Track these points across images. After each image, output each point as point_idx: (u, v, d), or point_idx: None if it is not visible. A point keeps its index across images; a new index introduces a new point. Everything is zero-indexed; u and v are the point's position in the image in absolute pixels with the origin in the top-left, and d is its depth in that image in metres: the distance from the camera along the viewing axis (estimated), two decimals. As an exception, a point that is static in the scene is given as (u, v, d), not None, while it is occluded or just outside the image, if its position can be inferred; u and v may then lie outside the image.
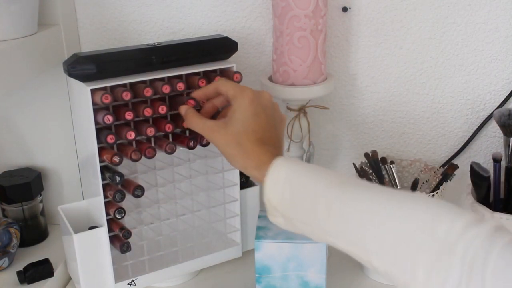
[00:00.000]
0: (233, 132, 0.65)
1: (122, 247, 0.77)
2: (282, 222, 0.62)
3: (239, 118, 0.65)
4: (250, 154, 0.63)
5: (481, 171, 0.84)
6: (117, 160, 0.71)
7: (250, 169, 0.64)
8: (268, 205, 0.62)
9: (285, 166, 0.61)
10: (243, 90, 0.67)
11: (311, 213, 0.58)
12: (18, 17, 0.75)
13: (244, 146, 0.64)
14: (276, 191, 0.60)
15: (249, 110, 0.65)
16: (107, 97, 0.69)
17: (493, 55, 0.91)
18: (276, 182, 0.60)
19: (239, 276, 0.88)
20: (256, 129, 0.64)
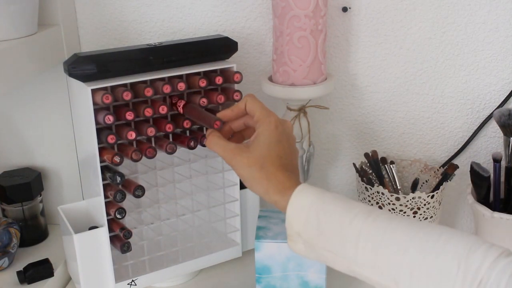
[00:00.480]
0: (257, 156, 0.64)
1: (122, 247, 0.77)
2: (303, 249, 0.61)
3: (264, 142, 0.65)
4: (273, 179, 0.63)
5: (481, 171, 0.84)
6: (118, 160, 0.71)
7: (272, 193, 0.63)
8: (289, 230, 0.61)
9: (311, 193, 0.60)
10: (269, 115, 0.67)
11: (337, 242, 0.57)
12: (18, 17, 0.75)
13: (267, 170, 0.63)
14: (300, 218, 0.60)
15: (274, 136, 0.65)
16: (108, 97, 0.69)
17: (493, 55, 0.91)
18: (301, 208, 0.60)
19: (239, 276, 0.89)
20: (280, 155, 0.64)
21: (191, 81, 0.76)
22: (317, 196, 0.60)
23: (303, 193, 0.60)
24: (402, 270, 0.53)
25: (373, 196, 0.85)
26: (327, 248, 0.58)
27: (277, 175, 0.63)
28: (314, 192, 0.60)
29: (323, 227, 0.58)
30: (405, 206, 0.84)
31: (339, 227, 0.57)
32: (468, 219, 1.02)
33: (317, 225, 0.59)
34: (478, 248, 0.50)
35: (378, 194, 0.84)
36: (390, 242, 0.54)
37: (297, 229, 0.60)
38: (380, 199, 0.85)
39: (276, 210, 0.83)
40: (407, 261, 0.53)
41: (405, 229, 0.54)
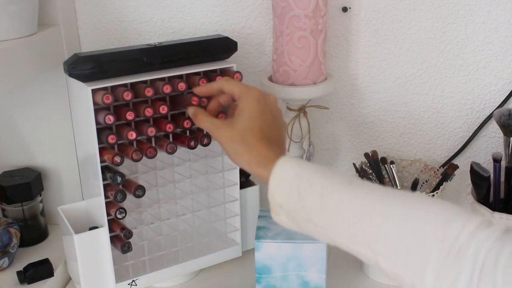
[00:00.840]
0: (238, 129, 0.65)
1: (123, 247, 0.77)
2: (285, 221, 0.62)
3: (246, 116, 0.65)
4: (255, 151, 0.63)
5: (481, 171, 0.84)
6: (118, 160, 0.71)
7: (254, 165, 0.63)
8: (272, 202, 0.62)
9: (292, 165, 0.60)
10: (250, 89, 0.67)
11: (318, 213, 0.58)
12: (18, 17, 0.75)
13: (249, 143, 0.64)
14: (282, 189, 0.60)
15: (256, 109, 0.66)
16: (108, 97, 0.69)
17: (493, 55, 0.91)
18: (282, 180, 0.60)
19: (239, 276, 0.89)
20: (262, 128, 0.65)
21: (191, 81, 0.76)
22: (299, 168, 0.60)
23: (285, 165, 0.61)
24: (380, 239, 0.53)
25: (373, 196, 0.85)
26: (309, 219, 0.59)
27: (258, 148, 0.63)
28: (296, 164, 0.61)
29: (304, 198, 0.58)
30: (405, 206, 0.83)
31: (320, 198, 0.57)
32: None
33: (298, 197, 0.59)
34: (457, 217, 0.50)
35: (378, 194, 0.84)
36: (368, 212, 0.54)
37: (279, 201, 0.60)
38: (380, 199, 0.84)
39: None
40: (384, 230, 0.52)
41: (383, 198, 0.54)
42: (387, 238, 0.52)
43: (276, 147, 0.65)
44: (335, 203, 0.56)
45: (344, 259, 0.92)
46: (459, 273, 0.47)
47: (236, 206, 0.87)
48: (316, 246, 0.75)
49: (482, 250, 0.46)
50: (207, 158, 0.85)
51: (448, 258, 0.48)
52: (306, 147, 0.90)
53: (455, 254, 0.48)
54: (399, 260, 0.52)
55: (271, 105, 0.68)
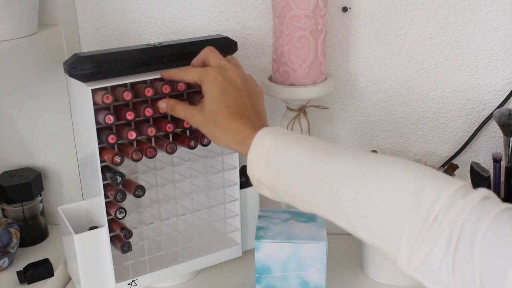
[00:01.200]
0: (208, 113, 0.66)
1: (123, 247, 0.77)
2: (269, 194, 0.62)
3: (210, 98, 0.66)
4: (229, 130, 0.64)
5: (481, 171, 0.84)
6: (118, 160, 0.71)
7: (232, 144, 0.64)
8: (252, 178, 0.62)
9: (268, 139, 0.60)
10: (206, 71, 0.67)
11: (296, 186, 0.57)
12: (18, 17, 0.75)
13: (221, 124, 0.64)
14: (259, 164, 0.60)
15: (216, 88, 0.66)
16: (108, 97, 0.69)
17: (493, 55, 0.91)
18: (259, 155, 0.60)
19: (239, 276, 0.89)
20: (228, 105, 0.65)
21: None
22: (275, 141, 0.60)
23: (262, 140, 0.61)
24: (355, 209, 0.52)
25: (373, 196, 0.85)
26: (288, 192, 0.59)
27: (231, 126, 0.64)
28: (272, 137, 0.60)
29: (281, 172, 0.59)
30: (405, 206, 0.84)
31: (297, 171, 0.57)
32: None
33: (275, 171, 0.59)
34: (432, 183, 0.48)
35: (378, 194, 0.84)
36: (343, 183, 0.53)
37: (258, 176, 0.61)
38: (380, 199, 0.84)
39: (276, 210, 0.83)
40: (359, 200, 0.52)
41: (358, 168, 0.54)
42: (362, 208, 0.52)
43: (250, 119, 0.65)
44: (310, 176, 0.56)
45: (344, 259, 0.92)
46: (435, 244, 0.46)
47: (236, 206, 0.87)
48: (316, 246, 0.75)
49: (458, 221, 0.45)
50: (207, 158, 0.85)
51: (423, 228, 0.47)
52: (306, 147, 0.90)
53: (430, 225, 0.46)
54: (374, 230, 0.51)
55: (231, 78, 0.67)
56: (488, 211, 0.45)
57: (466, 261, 0.44)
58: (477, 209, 0.45)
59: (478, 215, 0.45)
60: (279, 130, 0.62)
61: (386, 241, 0.50)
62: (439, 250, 0.45)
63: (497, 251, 0.43)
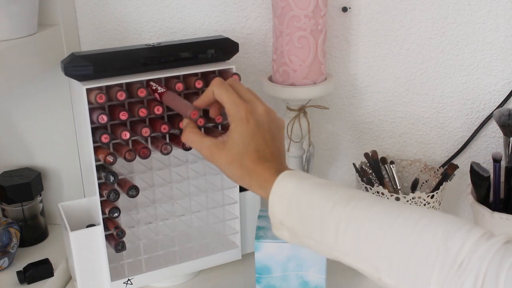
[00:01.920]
0: (234, 153, 0.64)
1: (116, 246, 0.77)
2: (287, 236, 0.62)
3: (239, 139, 0.64)
4: (254, 173, 0.63)
5: (481, 171, 0.84)
6: (111, 159, 0.71)
7: (254, 188, 0.64)
8: (273, 219, 0.62)
9: (291, 182, 0.61)
10: (239, 109, 0.65)
11: (319, 230, 0.58)
12: (18, 17, 0.75)
13: (246, 167, 0.64)
14: (281, 207, 0.60)
15: (247, 130, 0.64)
16: (102, 96, 0.69)
17: (493, 55, 0.91)
18: (282, 197, 0.60)
19: (239, 276, 0.88)
20: (258, 148, 0.64)
21: (188, 82, 0.76)
22: (297, 184, 0.60)
23: (283, 183, 0.61)
24: (382, 256, 0.53)
25: (373, 196, 0.85)
26: (309, 236, 0.59)
27: (257, 169, 0.63)
28: (294, 180, 0.60)
29: (304, 215, 0.59)
30: (405, 206, 0.83)
31: (320, 216, 0.57)
32: (468, 219, 1.02)
33: (298, 214, 0.59)
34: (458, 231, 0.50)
35: (378, 194, 0.84)
36: (370, 229, 0.54)
37: (279, 218, 0.61)
38: (380, 199, 0.84)
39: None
40: (386, 247, 0.52)
41: (385, 215, 0.54)
42: (389, 254, 0.52)
43: (275, 163, 0.64)
44: (334, 221, 0.56)
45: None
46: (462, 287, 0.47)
47: (236, 208, 0.86)
48: (316, 246, 0.75)
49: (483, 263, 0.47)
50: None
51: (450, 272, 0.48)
52: (306, 147, 0.90)
53: (457, 269, 0.48)
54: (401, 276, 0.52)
55: (260, 120, 0.66)
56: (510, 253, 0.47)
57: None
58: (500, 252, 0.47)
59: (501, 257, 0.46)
60: (301, 174, 0.62)
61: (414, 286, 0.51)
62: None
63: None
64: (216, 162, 0.66)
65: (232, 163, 0.64)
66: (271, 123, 0.67)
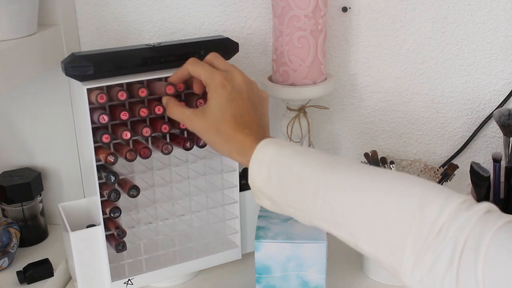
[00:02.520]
0: (211, 120, 0.64)
1: (117, 246, 0.77)
2: (269, 204, 0.62)
3: (215, 105, 0.64)
4: (232, 140, 0.63)
5: (481, 171, 0.84)
6: (111, 159, 0.71)
7: (234, 154, 0.63)
8: (253, 187, 0.61)
9: (271, 149, 0.60)
10: (214, 76, 0.66)
11: (298, 197, 0.57)
12: (18, 17, 0.75)
13: (224, 133, 0.63)
14: (261, 174, 0.60)
15: (223, 96, 0.64)
16: (102, 96, 0.69)
17: (493, 55, 0.91)
18: (261, 165, 0.60)
19: (239, 276, 0.88)
20: (234, 114, 0.64)
21: (188, 82, 0.76)
22: (277, 151, 0.59)
23: (263, 149, 0.60)
24: (358, 223, 0.52)
25: (373, 196, 0.85)
26: (288, 204, 0.58)
27: (235, 136, 0.63)
28: (274, 147, 0.60)
29: (283, 183, 0.58)
30: (405, 206, 0.83)
31: (299, 182, 0.57)
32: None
33: (277, 181, 0.58)
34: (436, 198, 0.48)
35: (378, 194, 0.84)
36: (346, 195, 0.53)
37: (259, 186, 0.60)
38: (380, 199, 0.84)
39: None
40: (362, 213, 0.52)
41: (362, 180, 0.53)
42: (365, 221, 0.51)
43: (255, 130, 0.64)
44: (313, 187, 0.55)
45: (344, 259, 0.92)
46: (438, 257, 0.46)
47: (236, 208, 0.86)
48: (316, 246, 0.75)
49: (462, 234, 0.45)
50: (206, 159, 0.84)
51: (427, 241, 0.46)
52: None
53: (434, 237, 0.46)
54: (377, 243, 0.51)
55: (239, 87, 0.66)
56: (491, 224, 0.45)
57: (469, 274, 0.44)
58: (480, 222, 0.45)
59: (481, 228, 0.45)
60: (281, 142, 0.62)
61: (389, 253, 0.50)
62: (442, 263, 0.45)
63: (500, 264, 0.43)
64: (196, 130, 0.66)
65: (209, 129, 0.64)
66: (251, 93, 0.67)
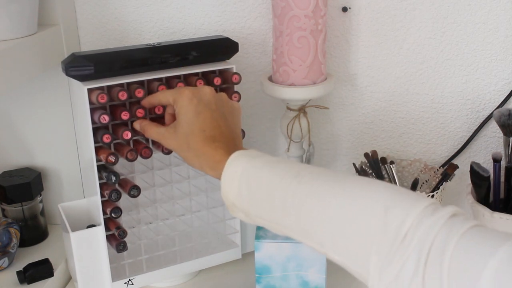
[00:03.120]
0: (181, 136, 0.64)
1: (118, 246, 0.77)
2: (243, 216, 0.61)
3: (183, 120, 0.64)
4: (202, 155, 0.63)
5: (481, 171, 0.84)
6: (112, 159, 0.71)
7: (206, 169, 0.63)
8: (226, 201, 0.61)
9: (242, 162, 0.60)
10: (181, 92, 0.66)
11: (267, 208, 0.57)
12: (18, 17, 0.75)
13: (194, 148, 0.63)
14: (232, 187, 0.60)
15: (190, 110, 0.64)
16: (103, 96, 0.69)
17: (493, 55, 0.91)
18: (232, 178, 0.59)
19: (239, 276, 0.88)
20: (203, 127, 0.64)
21: (189, 82, 0.76)
22: (247, 163, 0.59)
23: (234, 163, 0.60)
24: (324, 231, 0.51)
25: (373, 196, 0.85)
26: (260, 215, 0.58)
27: (204, 150, 0.63)
28: (244, 159, 0.60)
29: (253, 194, 0.58)
30: (405, 206, 0.83)
31: (267, 193, 0.56)
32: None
33: (248, 193, 0.58)
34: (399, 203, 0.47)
35: (378, 194, 0.84)
36: (312, 203, 0.53)
37: (231, 199, 0.60)
38: (380, 199, 0.84)
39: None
40: (327, 221, 0.51)
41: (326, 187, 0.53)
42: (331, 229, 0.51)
43: (225, 143, 0.63)
44: (281, 198, 0.55)
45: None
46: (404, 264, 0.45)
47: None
48: (316, 246, 0.75)
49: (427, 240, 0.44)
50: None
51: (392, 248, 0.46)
52: (306, 147, 0.90)
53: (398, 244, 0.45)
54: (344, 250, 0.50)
55: (206, 99, 0.66)
56: (456, 229, 0.44)
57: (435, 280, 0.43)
58: (445, 227, 0.45)
59: (447, 233, 0.44)
60: (253, 153, 0.61)
61: (356, 261, 0.49)
62: (408, 270, 0.45)
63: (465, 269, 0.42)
64: (170, 147, 0.66)
65: (180, 146, 0.64)
66: (220, 104, 0.67)
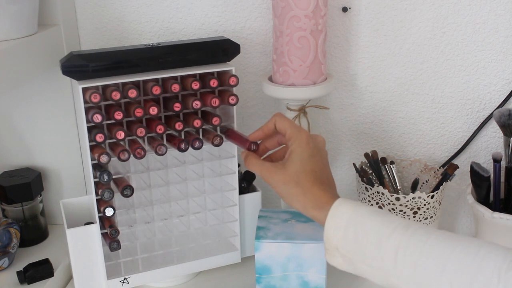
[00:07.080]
0: (291, 172, 0.66)
1: (111, 245, 0.77)
2: (341, 263, 0.63)
3: (297, 158, 0.66)
4: (309, 194, 0.64)
5: (481, 171, 0.84)
6: (104, 159, 0.71)
7: (309, 209, 0.65)
8: (327, 245, 0.63)
9: (349, 208, 0.61)
10: (300, 131, 0.69)
11: (376, 256, 0.58)
12: (18, 17, 0.75)
13: (303, 186, 0.65)
14: (338, 232, 0.61)
15: (307, 151, 0.67)
16: (96, 96, 0.69)
17: (493, 55, 0.91)
18: (339, 223, 0.61)
19: (239, 277, 0.88)
20: (314, 169, 0.66)
21: (185, 83, 0.75)
22: (354, 210, 0.61)
23: (341, 208, 0.62)
24: (442, 284, 0.53)
25: (373, 196, 0.85)
26: (365, 262, 0.60)
27: (313, 190, 0.65)
28: (351, 206, 0.62)
29: (361, 241, 0.59)
30: (405, 206, 0.84)
31: (377, 241, 0.58)
32: (468, 219, 1.02)
33: (355, 239, 0.60)
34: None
35: (378, 194, 0.84)
36: (429, 256, 0.55)
37: (335, 244, 0.61)
38: (380, 199, 0.85)
39: (276, 210, 0.83)
40: (446, 276, 0.53)
41: (444, 243, 0.55)
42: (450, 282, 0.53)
43: (329, 188, 0.66)
44: (393, 247, 0.57)
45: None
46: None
47: (235, 211, 0.86)
48: (316, 246, 0.75)
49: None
50: (204, 161, 0.84)
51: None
52: (306, 147, 0.90)
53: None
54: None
55: (319, 146, 0.69)
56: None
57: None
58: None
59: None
60: (355, 201, 0.63)
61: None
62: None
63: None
64: (273, 182, 0.68)
65: (288, 181, 0.66)
66: (325, 154, 0.71)
